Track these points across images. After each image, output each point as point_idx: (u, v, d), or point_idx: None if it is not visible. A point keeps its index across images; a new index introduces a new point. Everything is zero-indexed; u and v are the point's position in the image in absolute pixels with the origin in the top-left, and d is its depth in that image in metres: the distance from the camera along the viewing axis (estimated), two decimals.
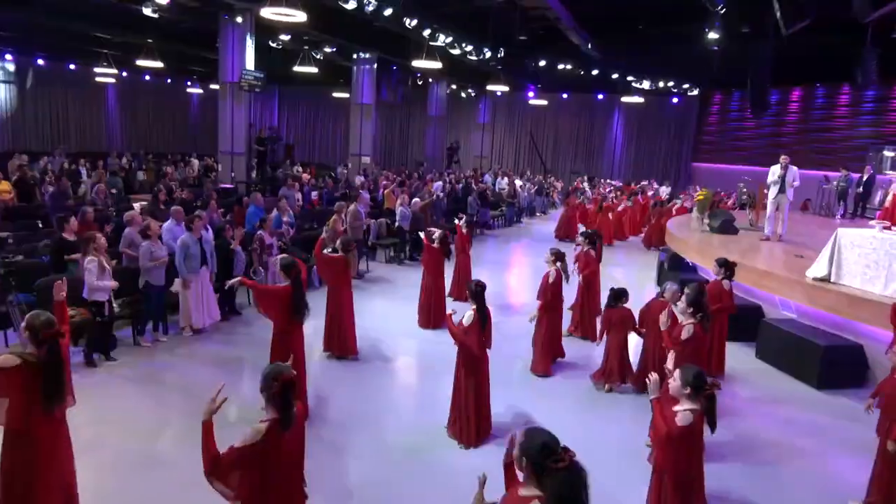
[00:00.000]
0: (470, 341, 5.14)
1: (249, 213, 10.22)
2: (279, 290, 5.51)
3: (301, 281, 5.62)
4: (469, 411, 5.27)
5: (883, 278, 6.82)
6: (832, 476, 5.42)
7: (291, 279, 5.53)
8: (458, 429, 5.35)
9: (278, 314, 5.52)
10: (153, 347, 7.16)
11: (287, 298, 5.45)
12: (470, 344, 5.14)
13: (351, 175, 22.63)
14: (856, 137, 24.25)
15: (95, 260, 6.25)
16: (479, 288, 5.31)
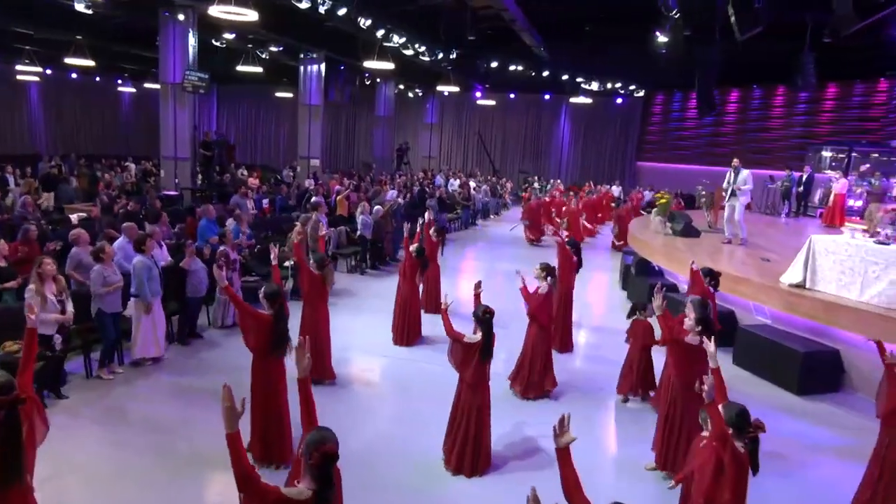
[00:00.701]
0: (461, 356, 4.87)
1: (202, 226, 9.55)
2: (261, 316, 5.05)
3: (285, 312, 5.18)
4: (469, 439, 4.98)
5: (858, 285, 6.94)
6: (817, 483, 5.43)
7: (275, 309, 5.08)
8: (456, 458, 5.05)
9: (256, 343, 5.07)
10: (109, 381, 6.52)
11: (267, 328, 5.01)
12: (456, 337, 4.90)
13: (300, 178, 21.96)
14: (791, 137, 25.33)
15: (32, 289, 5.60)
16: (487, 315, 4.96)
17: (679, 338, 5.02)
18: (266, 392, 5.10)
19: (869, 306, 6.72)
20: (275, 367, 5.12)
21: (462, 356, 4.90)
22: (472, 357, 4.88)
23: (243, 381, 6.46)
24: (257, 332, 4.99)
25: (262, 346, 5.02)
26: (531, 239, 17.24)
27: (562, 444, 2.87)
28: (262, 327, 4.99)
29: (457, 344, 4.91)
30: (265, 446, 5.08)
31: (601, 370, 7.67)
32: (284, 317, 5.17)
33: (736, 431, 3.27)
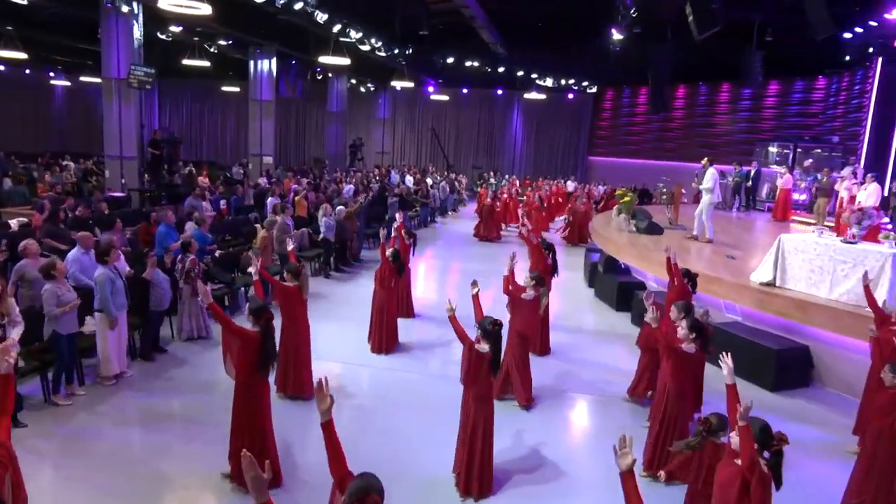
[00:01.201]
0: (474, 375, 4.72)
1: (161, 233, 9.01)
2: (248, 334, 4.76)
3: (272, 329, 4.89)
4: (476, 456, 4.85)
5: (828, 283, 7.14)
6: (803, 481, 5.50)
7: (262, 326, 4.80)
8: (465, 480, 4.90)
9: (241, 362, 4.79)
10: (70, 405, 6.06)
11: (255, 347, 4.72)
12: (463, 337, 4.79)
13: (252, 176, 21.27)
14: (736, 132, 26.19)
15: None
16: (496, 328, 4.80)
17: (675, 346, 5.01)
18: (250, 411, 4.82)
19: (839, 304, 6.93)
20: (259, 385, 4.85)
21: (475, 367, 4.74)
22: (482, 369, 4.74)
23: (215, 401, 6.20)
24: (244, 352, 4.70)
25: (248, 366, 4.73)
26: (484, 237, 17.06)
27: (625, 467, 2.75)
28: (250, 346, 4.71)
29: (471, 352, 4.74)
30: None
31: (583, 372, 7.67)
32: (272, 333, 4.90)
33: (759, 447, 3.24)
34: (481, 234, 17.19)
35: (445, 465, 5.23)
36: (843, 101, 21.75)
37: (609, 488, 5.16)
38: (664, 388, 5.11)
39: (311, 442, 5.62)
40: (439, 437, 5.81)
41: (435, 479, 5.14)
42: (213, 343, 8.03)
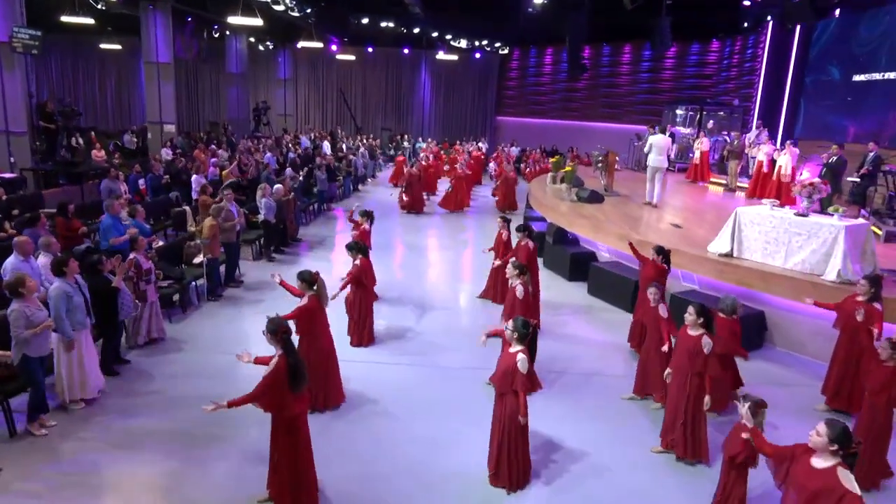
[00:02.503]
0: (531, 383, 4.71)
1: (106, 225, 8.05)
2: (278, 372, 4.27)
3: (293, 344, 4.54)
4: (515, 450, 4.90)
5: (783, 253, 7.72)
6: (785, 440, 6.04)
7: (283, 344, 4.42)
8: (508, 474, 4.92)
9: (275, 396, 4.31)
10: (45, 435, 5.40)
11: (284, 373, 4.31)
12: (531, 386, 4.74)
13: (153, 146, 19.61)
14: (638, 93, 27.37)
15: None
16: (534, 332, 4.79)
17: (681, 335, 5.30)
18: (294, 445, 4.44)
19: (794, 273, 7.53)
20: (296, 407, 4.40)
21: (513, 369, 4.70)
22: (531, 372, 4.73)
23: (207, 416, 5.73)
24: (276, 386, 4.25)
25: (283, 396, 4.28)
26: (411, 209, 16.47)
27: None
28: (280, 376, 4.26)
29: (512, 357, 4.71)
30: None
31: (575, 351, 7.81)
32: (293, 347, 4.50)
33: (840, 448, 3.44)
34: (407, 205, 16.66)
35: (476, 459, 5.23)
36: (736, 64, 23.26)
37: (631, 467, 5.39)
38: (681, 371, 5.33)
39: (348, 456, 5.38)
40: (460, 431, 5.85)
41: (468, 475, 5.12)
42: (171, 346, 7.45)
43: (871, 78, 13.99)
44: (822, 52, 15.90)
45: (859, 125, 14.50)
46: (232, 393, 4.51)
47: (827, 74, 15.67)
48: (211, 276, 8.97)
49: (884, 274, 7.49)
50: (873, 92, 14.00)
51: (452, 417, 6.14)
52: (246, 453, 5.29)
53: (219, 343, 7.65)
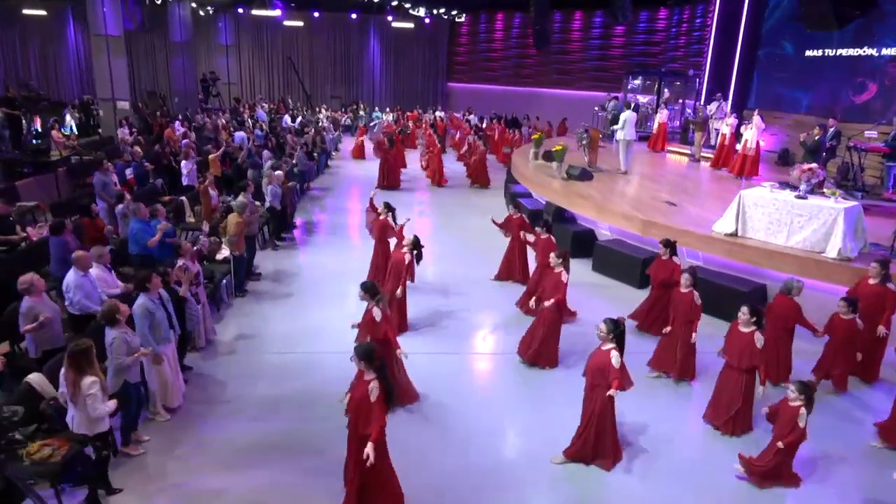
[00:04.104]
0: (624, 377, 5.19)
1: (136, 231, 7.84)
2: (381, 396, 4.44)
3: (385, 367, 4.62)
4: (611, 437, 5.49)
5: (785, 232, 8.52)
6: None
7: (377, 368, 4.49)
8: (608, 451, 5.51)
9: (379, 419, 4.46)
10: (143, 453, 5.48)
11: (384, 398, 4.48)
12: (625, 380, 5.21)
13: (105, 125, 18.64)
14: (589, 59, 28.01)
15: (98, 381, 4.45)
16: (622, 329, 5.29)
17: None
18: (381, 455, 4.67)
19: (796, 250, 8.35)
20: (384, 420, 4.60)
21: (608, 365, 5.17)
22: (623, 366, 5.23)
23: (290, 422, 6.05)
24: (381, 409, 4.45)
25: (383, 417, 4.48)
26: (387, 185, 16.22)
27: None
28: (383, 402, 4.46)
29: (609, 355, 5.18)
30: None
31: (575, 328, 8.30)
32: (386, 371, 4.63)
33: None
34: (384, 182, 16.41)
35: (543, 442, 5.78)
36: (685, 32, 24.18)
37: (686, 439, 6.03)
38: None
39: (430, 453, 5.74)
40: (515, 416, 6.32)
41: (542, 458, 5.62)
42: (221, 348, 7.51)
43: (824, 54, 15.04)
44: (776, 26, 16.86)
45: (812, 98, 15.63)
46: (305, 394, 5.77)
47: (780, 48, 16.67)
48: (237, 272, 8.96)
49: (871, 248, 8.46)
50: (826, 66, 15.09)
51: (503, 404, 6.60)
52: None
53: (267, 342, 7.75)
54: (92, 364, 4.48)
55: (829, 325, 6.65)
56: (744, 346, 5.86)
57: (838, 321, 6.57)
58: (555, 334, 7.32)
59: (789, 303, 6.64)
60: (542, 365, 7.25)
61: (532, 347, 7.33)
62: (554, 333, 7.30)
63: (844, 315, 6.52)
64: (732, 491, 5.40)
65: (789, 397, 5.13)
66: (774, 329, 6.59)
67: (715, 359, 6.41)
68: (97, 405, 4.46)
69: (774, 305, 6.78)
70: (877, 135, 11.63)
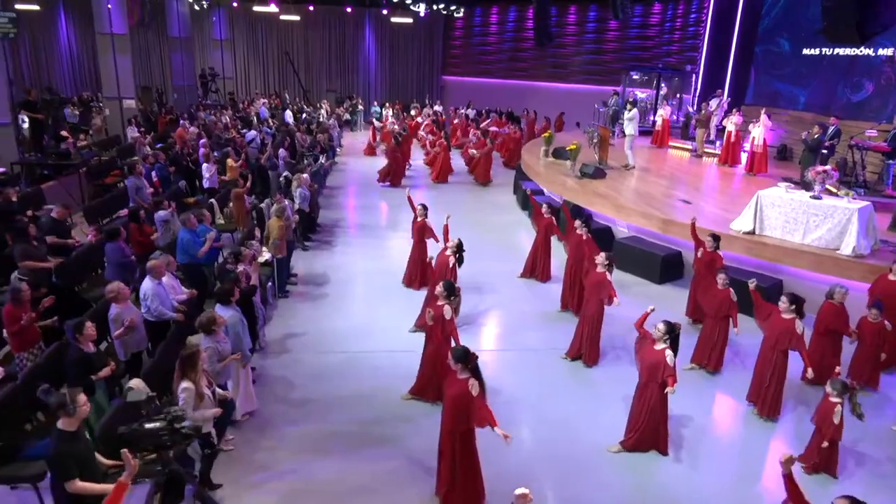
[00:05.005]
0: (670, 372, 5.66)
1: (185, 241, 8.10)
2: (483, 397, 4.83)
3: (479, 367, 4.94)
4: (662, 428, 5.98)
5: (801, 231, 9.06)
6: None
7: (471, 369, 4.84)
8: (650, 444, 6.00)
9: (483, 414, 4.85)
10: (232, 450, 5.85)
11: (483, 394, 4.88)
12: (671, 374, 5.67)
13: (112, 123, 18.69)
14: (584, 53, 28.42)
15: (192, 389, 4.79)
16: (678, 333, 5.75)
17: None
18: (473, 448, 5.12)
19: (813, 248, 8.90)
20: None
21: (663, 364, 5.64)
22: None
23: (352, 418, 6.43)
24: (482, 402, 4.83)
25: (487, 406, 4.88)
26: (392, 183, 16.64)
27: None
28: (482, 395, 4.83)
29: (664, 355, 5.64)
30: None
31: (627, 325, 8.69)
32: (480, 371, 4.94)
33: None
34: (390, 179, 16.74)
35: (604, 432, 6.25)
36: (679, 27, 24.68)
37: (726, 425, 6.51)
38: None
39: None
40: (572, 411, 6.76)
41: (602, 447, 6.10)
42: (277, 348, 7.87)
43: (821, 52, 15.62)
44: (773, 24, 17.40)
45: (809, 95, 16.22)
46: (365, 391, 6.46)
47: (777, 46, 17.23)
48: (280, 274, 9.29)
49: (881, 245, 9.04)
50: (823, 65, 15.67)
51: (551, 397, 7.04)
52: (412, 452, 5.96)
53: (318, 342, 8.13)
54: (194, 369, 4.81)
55: (859, 330, 7.05)
56: (783, 330, 6.37)
57: (867, 325, 6.98)
58: (597, 333, 7.77)
59: (832, 307, 7.07)
60: (585, 362, 7.71)
61: (581, 348, 7.78)
62: (597, 332, 7.75)
63: (873, 319, 6.92)
64: (772, 472, 5.94)
65: (829, 394, 5.62)
66: (818, 332, 7.12)
67: (748, 350, 6.93)
68: (187, 410, 4.80)
69: (821, 310, 7.17)
70: (877, 133, 12.22)
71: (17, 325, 5.83)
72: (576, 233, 9.04)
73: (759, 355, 6.73)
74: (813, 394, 6.86)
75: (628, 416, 6.11)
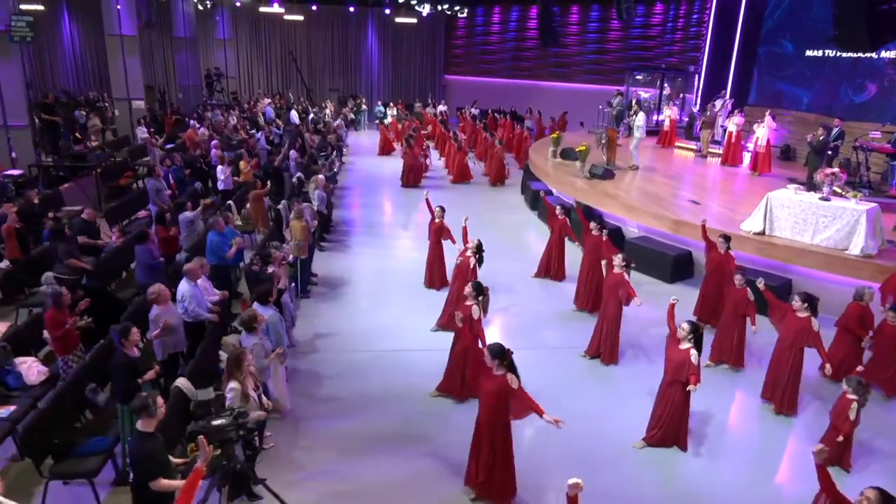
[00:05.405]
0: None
1: (214, 243, 8.30)
2: (524, 391, 5.06)
3: (514, 363, 5.18)
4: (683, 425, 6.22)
5: (811, 231, 9.31)
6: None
7: (507, 365, 5.07)
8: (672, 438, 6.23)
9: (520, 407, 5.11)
10: (272, 446, 6.06)
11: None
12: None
13: (122, 124, 18.84)
14: (586, 53, 28.62)
15: (238, 389, 4.99)
16: (702, 332, 6.01)
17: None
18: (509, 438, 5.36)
19: (822, 248, 9.15)
20: None
21: (688, 362, 5.86)
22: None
23: (387, 416, 6.62)
24: (523, 392, 5.07)
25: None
26: (410, 183, 16.90)
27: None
28: (521, 387, 5.08)
29: (689, 354, 5.86)
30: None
31: (643, 323, 8.85)
32: (516, 366, 5.17)
33: None
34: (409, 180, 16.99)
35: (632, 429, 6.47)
36: (681, 27, 24.90)
37: (747, 421, 6.76)
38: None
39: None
40: (594, 408, 6.98)
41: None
42: (305, 348, 8.06)
43: (825, 54, 15.86)
44: (777, 25, 17.63)
45: (813, 96, 16.47)
46: (393, 389, 6.67)
47: (781, 47, 17.46)
48: (303, 275, 9.49)
49: (888, 245, 9.29)
50: (826, 66, 15.92)
51: (573, 395, 7.25)
52: (442, 449, 6.16)
53: (343, 341, 8.35)
54: (239, 369, 5.02)
55: (878, 333, 7.25)
56: (799, 329, 6.62)
57: (887, 328, 7.17)
58: (617, 332, 7.99)
59: (858, 308, 7.29)
60: (604, 360, 7.94)
61: (600, 347, 8.01)
62: (617, 331, 7.98)
63: (892, 321, 7.11)
64: (790, 466, 6.20)
65: (846, 391, 5.85)
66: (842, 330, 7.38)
67: (763, 349, 7.17)
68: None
69: (848, 310, 7.38)
70: (881, 135, 12.47)
71: (61, 329, 6.02)
72: (592, 234, 9.25)
73: (775, 354, 6.97)
74: (829, 390, 7.13)
75: (651, 412, 6.34)
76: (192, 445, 5.21)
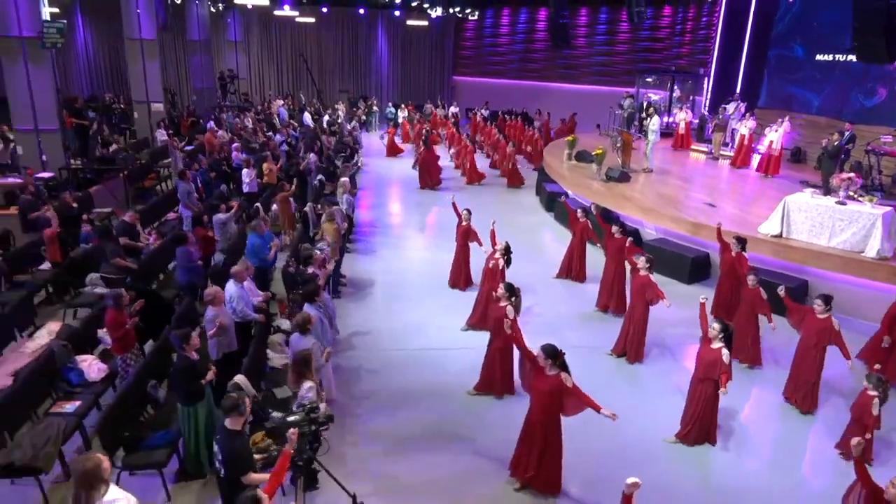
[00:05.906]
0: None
1: (255, 245, 8.60)
2: (578, 388, 5.38)
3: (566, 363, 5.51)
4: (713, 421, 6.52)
5: (827, 234, 9.61)
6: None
7: (559, 365, 5.38)
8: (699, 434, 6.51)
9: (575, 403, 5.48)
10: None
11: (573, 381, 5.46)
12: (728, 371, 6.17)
13: (141, 126, 19.12)
14: (595, 55, 28.89)
15: (315, 387, 5.30)
16: (732, 332, 6.30)
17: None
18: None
19: (838, 251, 9.44)
20: None
21: (720, 362, 6.15)
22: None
23: (429, 413, 6.90)
24: (578, 389, 5.41)
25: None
26: (428, 185, 17.06)
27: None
28: (575, 384, 5.42)
29: (721, 354, 6.14)
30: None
31: (667, 322, 9.06)
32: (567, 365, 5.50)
33: None
34: (426, 182, 17.15)
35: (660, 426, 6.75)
36: (690, 30, 25.15)
37: (769, 419, 7.04)
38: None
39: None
40: (623, 406, 7.23)
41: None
42: (341, 346, 8.33)
43: (835, 59, 16.13)
44: (787, 29, 17.89)
45: (823, 99, 16.74)
46: (433, 386, 6.93)
47: (791, 51, 17.73)
48: (334, 276, 9.78)
49: None
50: (836, 70, 16.18)
51: (602, 393, 7.37)
52: (483, 447, 6.44)
53: (379, 340, 8.66)
54: (310, 369, 5.33)
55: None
56: (821, 329, 6.92)
57: None
58: (644, 333, 8.28)
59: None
60: (629, 359, 8.24)
61: (626, 346, 8.30)
62: (643, 332, 8.27)
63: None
64: (812, 460, 6.51)
65: (867, 388, 6.14)
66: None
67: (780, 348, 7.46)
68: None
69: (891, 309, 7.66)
70: (892, 139, 12.75)
71: (121, 329, 6.31)
72: (615, 238, 9.53)
73: (797, 354, 7.26)
74: (847, 387, 7.43)
75: (684, 410, 6.64)
76: (254, 437, 5.54)
